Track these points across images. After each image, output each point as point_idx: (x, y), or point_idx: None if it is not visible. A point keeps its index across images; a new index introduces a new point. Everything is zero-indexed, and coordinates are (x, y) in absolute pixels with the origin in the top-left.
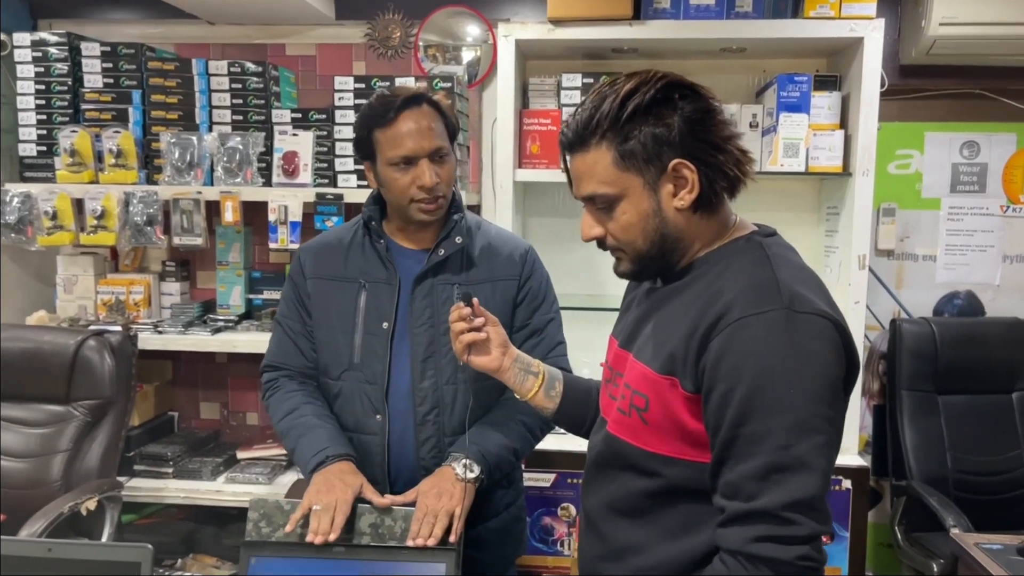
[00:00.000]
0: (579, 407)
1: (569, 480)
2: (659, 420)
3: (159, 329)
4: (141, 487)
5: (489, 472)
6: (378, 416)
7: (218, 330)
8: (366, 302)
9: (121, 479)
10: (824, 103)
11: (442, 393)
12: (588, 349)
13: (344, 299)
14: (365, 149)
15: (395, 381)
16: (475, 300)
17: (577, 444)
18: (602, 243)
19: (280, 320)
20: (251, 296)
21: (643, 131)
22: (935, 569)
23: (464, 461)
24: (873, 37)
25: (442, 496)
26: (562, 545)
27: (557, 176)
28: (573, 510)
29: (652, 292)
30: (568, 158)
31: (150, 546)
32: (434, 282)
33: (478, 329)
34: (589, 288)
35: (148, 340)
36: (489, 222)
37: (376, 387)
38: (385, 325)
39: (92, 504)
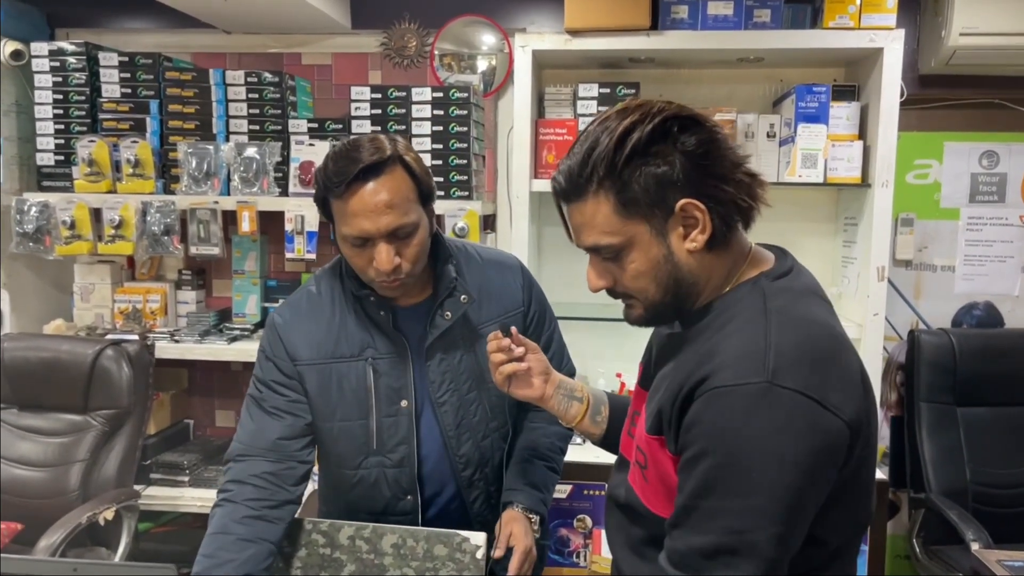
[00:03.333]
0: None
1: (585, 492)
2: (655, 481)
3: (176, 338)
4: (157, 496)
5: (541, 518)
6: (409, 497)
7: (234, 339)
8: (375, 380)
9: (137, 488)
10: (843, 113)
11: (482, 450)
12: (602, 358)
13: (351, 381)
14: (325, 210)
15: (426, 456)
16: (513, 329)
17: (593, 456)
18: (612, 292)
19: (255, 397)
20: (267, 305)
21: (643, 173)
22: None
23: (531, 517)
24: (893, 48)
25: (527, 535)
26: (578, 557)
27: None
28: (589, 521)
29: (670, 335)
30: (564, 208)
31: (174, 566)
32: (446, 344)
33: (519, 359)
34: (602, 297)
35: (165, 349)
36: (472, 243)
37: (404, 470)
38: (404, 404)
39: (110, 514)
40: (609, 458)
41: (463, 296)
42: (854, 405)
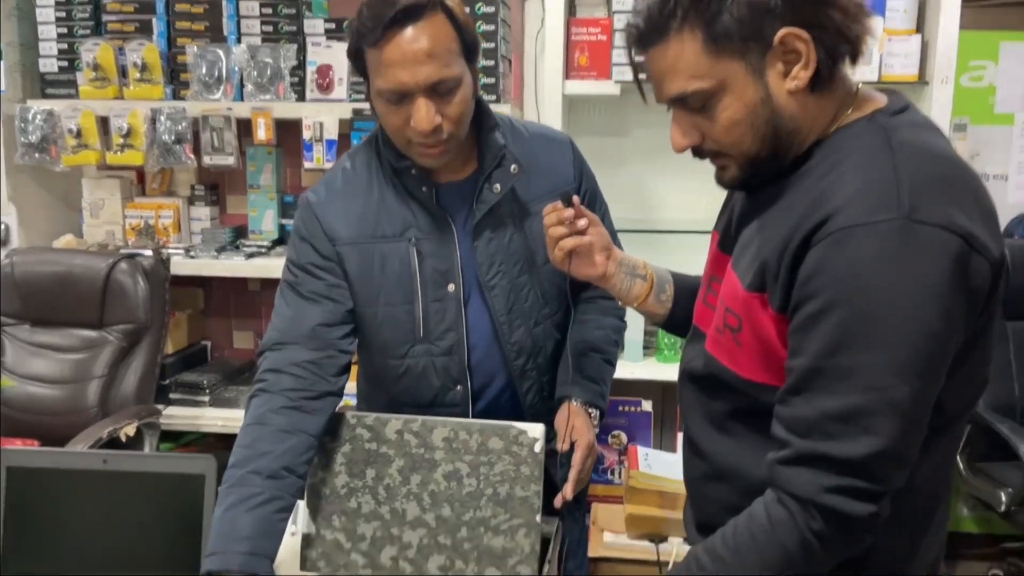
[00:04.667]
0: (691, 312)
1: (620, 408)
2: (752, 344)
3: (191, 254)
4: (177, 415)
5: (600, 412)
6: (459, 387)
7: (251, 255)
8: (420, 262)
9: (158, 407)
10: (900, 5)
11: (535, 338)
12: None
13: (394, 263)
14: (358, 64)
15: (475, 344)
16: (575, 199)
17: (628, 372)
18: (698, 151)
19: (291, 283)
20: (284, 221)
21: (735, 1)
22: (1003, 498)
23: (590, 411)
24: None
25: (589, 430)
26: (612, 474)
27: (607, 88)
28: (624, 438)
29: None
30: (643, 56)
31: (213, 456)
32: (494, 221)
33: (582, 232)
34: (637, 211)
35: (180, 265)
36: (514, 118)
37: (452, 358)
38: (452, 288)
39: (131, 430)
40: (643, 374)
41: (513, 166)
42: (998, 245)
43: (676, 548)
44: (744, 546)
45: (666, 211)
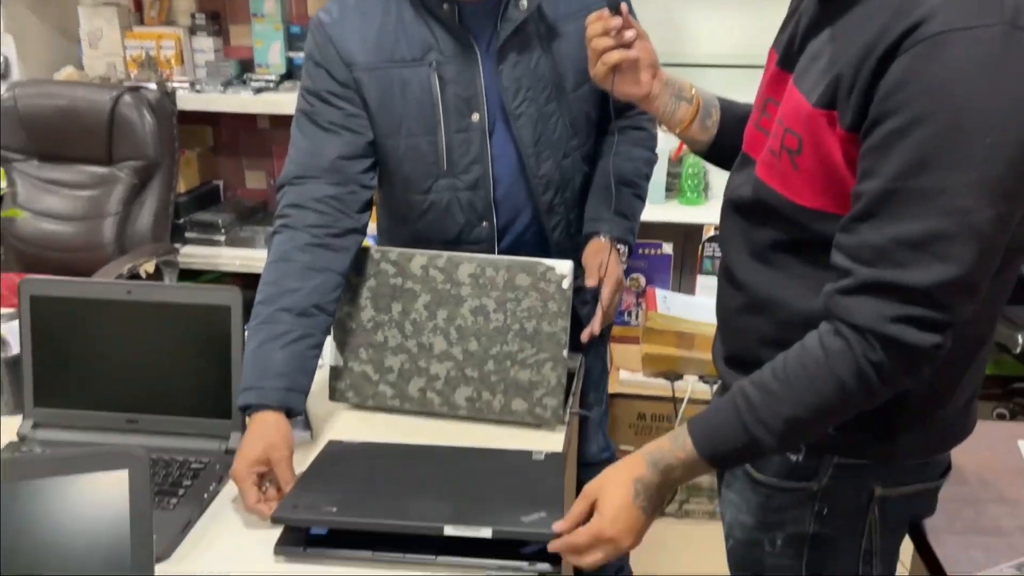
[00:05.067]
0: (737, 140)
1: (641, 251)
2: (812, 167)
3: (196, 88)
4: (194, 254)
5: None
6: (484, 223)
7: (259, 90)
8: (442, 89)
9: (175, 246)
10: None
11: (563, 171)
12: None
13: (414, 90)
14: None
15: (500, 178)
16: (624, 6)
17: (648, 215)
18: None
19: (307, 112)
20: (291, 55)
21: None
22: (1020, 340)
23: (619, 247)
24: None
25: (618, 265)
26: (629, 315)
27: None
28: (643, 280)
29: None
30: None
31: (237, 288)
32: (520, 43)
33: (628, 46)
34: (667, 44)
35: (186, 99)
36: None
37: (478, 192)
38: (476, 117)
39: (150, 266)
40: (665, 217)
41: None
42: None
43: (691, 385)
44: (795, 377)
45: (698, 44)
